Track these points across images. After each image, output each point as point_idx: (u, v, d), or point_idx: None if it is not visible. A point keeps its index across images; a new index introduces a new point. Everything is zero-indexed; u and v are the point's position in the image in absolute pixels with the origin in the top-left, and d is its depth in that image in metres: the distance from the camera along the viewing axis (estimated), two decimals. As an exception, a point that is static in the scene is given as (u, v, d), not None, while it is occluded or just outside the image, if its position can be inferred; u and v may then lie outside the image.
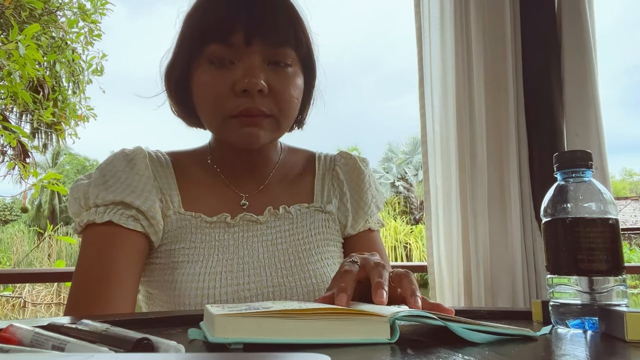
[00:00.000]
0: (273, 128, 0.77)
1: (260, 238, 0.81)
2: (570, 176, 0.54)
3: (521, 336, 0.46)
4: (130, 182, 0.78)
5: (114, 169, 0.80)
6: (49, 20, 4.80)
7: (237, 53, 0.75)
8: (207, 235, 0.79)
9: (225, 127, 0.77)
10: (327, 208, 0.88)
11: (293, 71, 0.78)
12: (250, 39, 0.74)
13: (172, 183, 0.82)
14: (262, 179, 0.87)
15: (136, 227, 0.76)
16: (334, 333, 0.41)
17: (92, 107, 5.15)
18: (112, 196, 0.76)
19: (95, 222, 0.75)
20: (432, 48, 1.66)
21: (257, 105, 0.74)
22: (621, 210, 18.06)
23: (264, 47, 0.75)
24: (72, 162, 24.49)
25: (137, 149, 0.84)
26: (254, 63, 0.74)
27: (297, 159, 0.94)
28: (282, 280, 0.78)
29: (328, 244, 0.86)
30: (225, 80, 0.74)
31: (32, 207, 21.17)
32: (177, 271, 0.76)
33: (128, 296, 0.73)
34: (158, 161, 0.84)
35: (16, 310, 11.32)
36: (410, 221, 20.08)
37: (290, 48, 0.77)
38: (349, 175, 0.92)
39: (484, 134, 1.59)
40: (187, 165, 0.87)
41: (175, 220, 0.79)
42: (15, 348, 0.34)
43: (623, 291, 0.50)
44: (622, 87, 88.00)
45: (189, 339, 0.43)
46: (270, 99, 0.75)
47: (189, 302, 0.73)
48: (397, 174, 22.51)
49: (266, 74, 0.75)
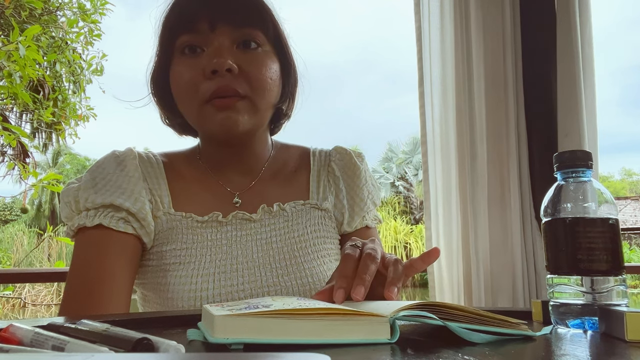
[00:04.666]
0: (249, 110, 0.77)
1: (254, 237, 0.80)
2: (570, 176, 0.54)
3: (521, 336, 0.46)
4: (120, 184, 0.78)
5: (104, 171, 0.80)
6: (49, 20, 4.80)
7: (205, 39, 0.77)
8: (199, 235, 0.78)
9: (202, 115, 0.77)
10: (323, 205, 0.87)
11: (264, 52, 0.79)
12: (215, 24, 0.76)
13: (163, 184, 0.82)
14: (253, 175, 0.87)
15: (127, 229, 0.76)
16: (334, 333, 0.41)
17: (92, 107, 5.15)
18: (102, 199, 0.76)
19: (86, 225, 0.75)
20: (431, 48, 1.66)
21: (228, 83, 0.74)
22: (621, 210, 18.06)
23: (230, 29, 0.77)
24: (72, 162, 24.49)
25: (127, 150, 0.83)
26: (221, 45, 0.76)
27: (291, 155, 0.93)
28: (277, 279, 0.77)
29: (324, 241, 0.85)
30: (196, 67, 0.76)
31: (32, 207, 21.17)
32: (170, 273, 0.75)
33: (121, 298, 0.73)
34: (149, 162, 0.84)
35: (16, 310, 11.32)
36: (410, 221, 20.08)
37: (257, 29, 0.78)
38: (344, 170, 0.91)
39: (483, 134, 1.59)
40: (179, 165, 0.86)
41: (165, 221, 0.79)
42: (15, 348, 0.34)
43: (623, 291, 0.50)
44: (623, 87, 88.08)
45: (189, 339, 0.43)
46: (242, 80, 0.75)
47: (182, 305, 0.73)
48: (397, 174, 22.50)
49: (236, 56, 0.76)
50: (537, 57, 1.62)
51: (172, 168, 0.85)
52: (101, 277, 0.72)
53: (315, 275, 0.79)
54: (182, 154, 0.89)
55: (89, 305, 0.71)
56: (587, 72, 1.58)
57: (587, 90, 1.57)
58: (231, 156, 0.85)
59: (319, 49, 78.93)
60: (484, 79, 1.60)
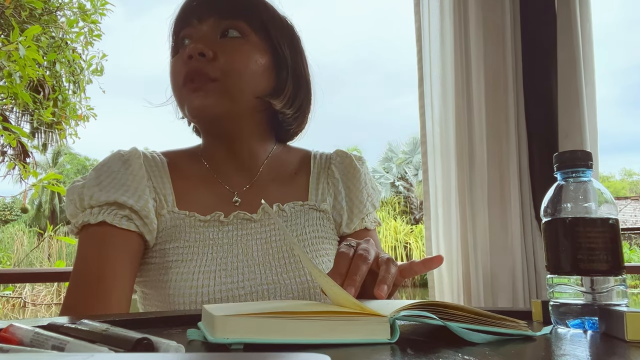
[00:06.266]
0: (219, 93, 0.78)
1: (254, 236, 0.81)
2: (570, 176, 0.54)
3: (521, 336, 0.46)
4: (124, 182, 0.79)
5: (109, 169, 0.81)
6: (49, 20, 4.81)
7: (194, 31, 0.81)
8: (201, 234, 0.79)
9: (180, 100, 0.82)
10: (321, 206, 0.88)
11: (246, 41, 0.81)
12: (202, 16, 0.81)
13: (167, 182, 0.83)
14: (251, 174, 0.87)
15: (130, 226, 0.76)
16: (334, 333, 0.41)
17: (92, 107, 5.16)
18: (106, 197, 0.77)
19: (89, 222, 0.76)
20: (431, 48, 1.66)
21: (199, 66, 0.77)
22: (621, 210, 18.06)
23: (214, 20, 0.81)
24: (72, 162, 24.50)
25: (132, 149, 0.85)
26: (203, 33, 0.80)
27: (292, 157, 0.94)
28: (276, 277, 0.78)
29: (323, 241, 0.85)
30: (180, 57, 0.80)
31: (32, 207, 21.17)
32: (172, 270, 0.76)
33: (123, 295, 0.74)
34: (153, 161, 0.85)
35: (16, 310, 11.32)
36: (410, 221, 20.08)
37: (240, 20, 0.81)
38: (344, 173, 0.92)
39: (483, 134, 1.59)
40: (182, 164, 0.87)
41: (169, 219, 0.80)
42: (15, 348, 0.34)
43: (623, 291, 0.50)
44: (623, 87, 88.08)
45: (189, 339, 0.43)
46: (216, 64, 0.78)
47: (184, 301, 0.74)
48: (397, 174, 22.51)
49: (215, 44, 0.79)
50: (537, 57, 1.62)
51: (175, 167, 0.86)
52: (103, 273, 0.73)
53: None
54: (185, 153, 0.91)
55: (90, 301, 0.72)
56: (588, 72, 1.58)
57: (588, 90, 1.57)
58: (227, 152, 0.86)
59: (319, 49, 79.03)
60: (484, 79, 1.60)
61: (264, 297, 0.76)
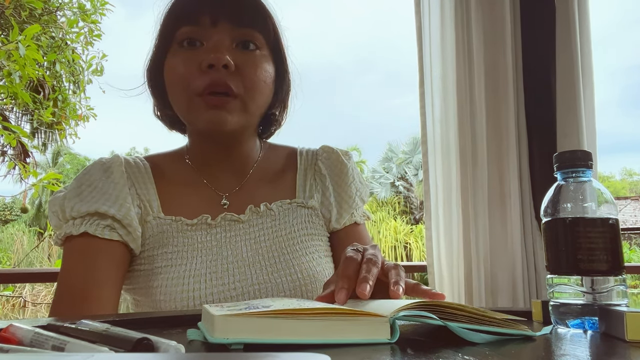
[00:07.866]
0: (240, 110, 0.77)
1: (243, 237, 0.81)
2: (570, 176, 0.54)
3: (521, 336, 0.46)
4: (105, 191, 0.78)
5: (90, 178, 0.80)
6: (49, 20, 4.81)
7: (205, 33, 0.77)
8: (189, 238, 0.78)
9: (192, 108, 0.77)
10: (309, 203, 0.87)
11: (261, 55, 0.79)
12: (217, 19, 0.77)
13: (151, 188, 0.82)
14: (242, 176, 0.87)
15: (112, 236, 0.76)
16: (334, 333, 0.41)
17: (92, 107, 5.15)
18: (87, 207, 0.76)
19: (72, 234, 0.76)
20: (432, 48, 1.66)
21: (223, 78, 0.74)
22: (621, 210, 18.06)
23: (231, 27, 0.77)
24: (72, 162, 24.49)
25: (114, 157, 0.84)
26: (221, 41, 0.77)
27: (278, 155, 0.93)
28: (267, 277, 0.77)
29: (312, 238, 0.85)
30: (194, 60, 0.76)
31: (32, 207, 21.16)
32: (161, 276, 0.75)
33: (109, 305, 0.73)
34: (136, 167, 0.84)
35: (16, 310, 11.32)
36: (410, 221, 20.08)
37: (257, 31, 0.79)
38: (331, 169, 0.92)
39: (484, 134, 1.59)
40: (166, 168, 0.86)
41: (156, 226, 0.79)
42: (15, 348, 0.34)
43: (623, 291, 0.50)
44: (623, 87, 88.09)
45: (189, 339, 0.43)
46: (237, 78, 0.76)
47: (175, 306, 0.73)
48: (397, 174, 22.50)
49: (234, 54, 0.76)
50: (537, 57, 1.62)
51: (159, 171, 0.85)
52: (87, 285, 0.73)
53: (305, 272, 0.79)
54: (169, 156, 0.89)
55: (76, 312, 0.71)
56: (586, 72, 1.58)
57: (586, 90, 1.57)
58: (220, 155, 0.85)
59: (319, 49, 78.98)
60: (484, 79, 1.60)
61: (256, 298, 0.76)
